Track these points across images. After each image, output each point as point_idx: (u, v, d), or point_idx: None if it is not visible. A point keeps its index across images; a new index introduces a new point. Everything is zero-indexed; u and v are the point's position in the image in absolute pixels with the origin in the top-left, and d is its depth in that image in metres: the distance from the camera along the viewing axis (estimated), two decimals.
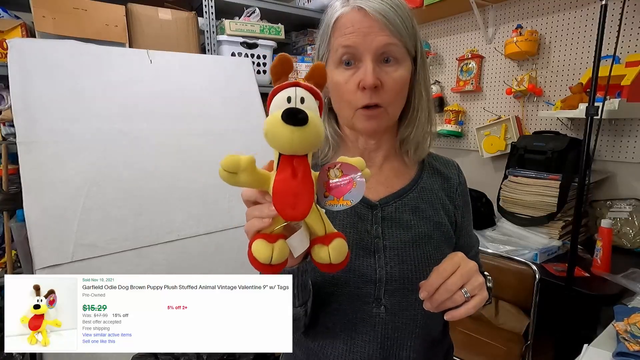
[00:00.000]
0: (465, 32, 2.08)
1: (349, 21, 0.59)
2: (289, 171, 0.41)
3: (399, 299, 0.62)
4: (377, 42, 0.58)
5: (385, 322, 0.62)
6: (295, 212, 0.40)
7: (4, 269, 1.45)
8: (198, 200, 1.54)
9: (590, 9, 1.60)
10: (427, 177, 0.70)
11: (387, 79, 0.59)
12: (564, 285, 1.24)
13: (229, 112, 1.73)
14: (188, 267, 1.46)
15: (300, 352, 0.69)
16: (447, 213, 0.69)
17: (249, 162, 0.41)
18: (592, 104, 1.19)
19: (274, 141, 0.40)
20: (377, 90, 0.59)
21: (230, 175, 0.41)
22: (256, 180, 0.42)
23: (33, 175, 1.25)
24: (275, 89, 0.42)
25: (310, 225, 0.45)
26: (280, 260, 0.42)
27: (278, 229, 0.43)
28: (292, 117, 0.38)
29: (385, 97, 0.60)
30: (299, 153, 0.41)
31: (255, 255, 0.41)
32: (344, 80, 0.61)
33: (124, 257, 1.34)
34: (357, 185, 0.45)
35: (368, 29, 0.58)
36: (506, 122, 1.88)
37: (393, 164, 0.70)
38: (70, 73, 1.41)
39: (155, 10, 1.75)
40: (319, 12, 2.24)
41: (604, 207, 1.59)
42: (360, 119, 0.62)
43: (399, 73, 0.60)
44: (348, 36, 0.59)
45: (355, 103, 0.61)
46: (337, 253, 0.44)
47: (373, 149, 0.69)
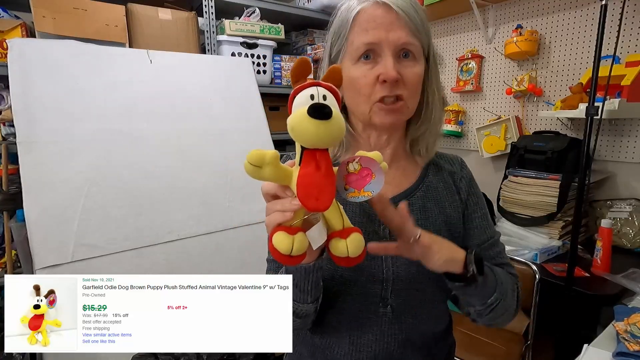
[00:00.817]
0: (465, 32, 2.08)
1: (370, 16, 0.59)
2: (313, 164, 0.43)
3: (405, 299, 0.62)
4: (399, 38, 0.58)
5: (391, 321, 0.63)
6: (319, 203, 0.42)
7: (4, 269, 1.45)
8: (198, 200, 1.54)
9: (590, 9, 1.60)
10: (432, 175, 0.70)
11: (407, 73, 0.60)
12: (564, 285, 1.24)
13: (229, 112, 1.73)
14: (188, 267, 1.46)
15: (306, 349, 0.69)
16: (454, 209, 0.69)
17: (274, 156, 0.42)
18: (592, 104, 1.19)
19: (301, 135, 0.41)
20: (398, 83, 0.59)
21: (255, 169, 0.42)
22: (279, 174, 0.44)
23: (33, 175, 1.25)
24: (298, 89, 0.44)
25: (329, 219, 0.47)
26: (300, 252, 0.43)
27: (297, 223, 0.45)
28: (318, 112, 0.40)
29: (405, 91, 0.60)
30: (323, 146, 0.43)
31: (276, 246, 0.43)
32: (362, 74, 0.60)
33: (124, 257, 1.34)
34: (376, 177, 0.47)
35: (390, 24, 0.58)
36: (506, 122, 1.88)
37: (400, 163, 0.70)
38: (70, 73, 1.41)
39: (155, 10, 1.75)
40: (319, 12, 2.24)
41: (604, 207, 1.59)
42: (379, 113, 0.61)
43: (417, 69, 0.61)
44: (371, 32, 0.59)
45: (374, 96, 0.60)
46: (354, 246, 0.46)
47: (383, 146, 0.69)
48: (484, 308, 0.62)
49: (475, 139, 2.05)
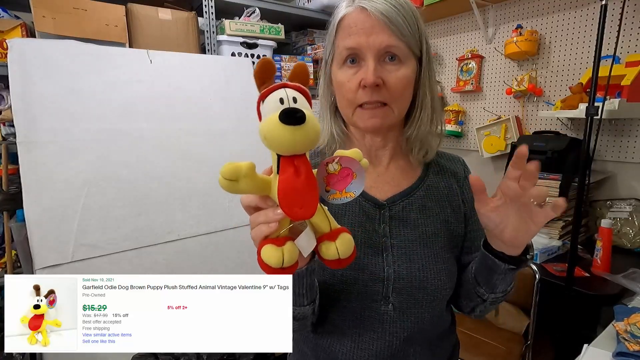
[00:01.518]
0: (465, 32, 2.08)
1: (352, 21, 0.60)
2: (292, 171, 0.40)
3: (407, 297, 0.62)
4: (379, 42, 0.58)
5: (393, 319, 0.63)
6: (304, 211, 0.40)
7: (4, 269, 1.45)
8: (198, 200, 1.54)
9: (590, 9, 1.60)
10: (433, 175, 0.70)
11: (390, 77, 0.60)
12: (564, 285, 1.24)
13: (229, 112, 1.73)
14: (188, 267, 1.46)
15: (308, 348, 0.69)
16: (455, 209, 0.69)
17: (250, 168, 0.40)
18: (592, 104, 1.19)
19: (275, 143, 0.39)
20: (379, 88, 0.59)
21: (231, 183, 0.40)
22: (257, 186, 0.42)
23: (33, 175, 1.26)
24: (264, 93, 0.42)
25: (316, 224, 0.46)
26: (292, 262, 0.42)
27: (284, 232, 0.43)
28: (290, 117, 0.37)
29: (387, 95, 0.60)
30: (300, 152, 0.41)
31: (265, 260, 0.41)
32: (346, 79, 0.61)
33: (124, 257, 1.34)
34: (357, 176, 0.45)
35: (370, 29, 0.58)
36: (506, 122, 1.88)
37: (399, 163, 0.70)
38: (70, 73, 1.42)
39: (155, 10, 1.75)
40: (319, 12, 2.24)
41: (604, 207, 1.59)
42: (361, 117, 0.62)
43: (402, 72, 0.61)
44: (352, 37, 0.59)
45: (355, 101, 0.61)
46: (344, 248, 0.45)
47: (379, 147, 0.69)
48: (502, 295, 0.63)
49: (475, 139, 2.05)
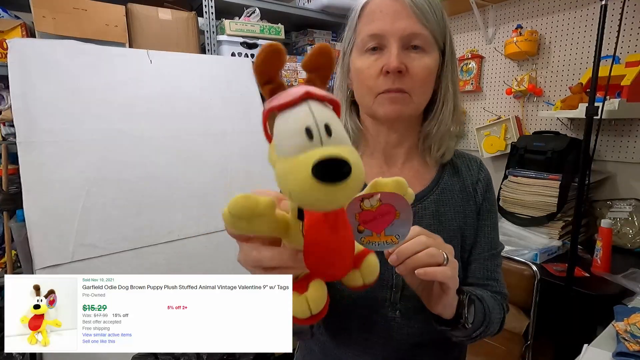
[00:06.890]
0: (465, 32, 2.08)
1: (376, 6, 0.59)
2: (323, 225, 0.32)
3: (415, 304, 0.61)
4: (404, 27, 0.56)
5: (400, 325, 0.62)
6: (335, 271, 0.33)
7: (4, 269, 1.45)
8: (198, 201, 1.54)
9: (590, 9, 1.60)
10: (448, 177, 0.68)
11: (413, 65, 0.58)
12: (564, 285, 1.24)
13: (229, 112, 1.73)
14: (188, 267, 1.46)
15: (317, 346, 0.69)
16: (470, 214, 0.66)
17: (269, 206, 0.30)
18: (592, 104, 1.18)
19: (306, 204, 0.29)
20: (402, 75, 0.57)
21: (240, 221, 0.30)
22: (272, 228, 0.32)
23: (33, 175, 1.25)
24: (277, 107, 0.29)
25: None
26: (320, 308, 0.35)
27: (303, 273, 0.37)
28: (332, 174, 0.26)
29: (409, 83, 0.58)
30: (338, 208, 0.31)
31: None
32: (367, 66, 0.59)
33: (124, 257, 1.34)
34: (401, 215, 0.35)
35: (395, 14, 0.57)
36: (506, 122, 1.88)
37: (413, 164, 0.68)
38: (70, 73, 1.41)
39: (155, 10, 1.75)
40: (319, 12, 2.24)
41: (604, 207, 1.59)
42: (382, 104, 0.59)
43: (425, 61, 0.59)
44: (376, 22, 0.58)
45: (377, 88, 0.59)
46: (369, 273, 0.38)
47: (395, 145, 0.66)
48: (466, 339, 0.60)
49: (475, 139, 2.05)
